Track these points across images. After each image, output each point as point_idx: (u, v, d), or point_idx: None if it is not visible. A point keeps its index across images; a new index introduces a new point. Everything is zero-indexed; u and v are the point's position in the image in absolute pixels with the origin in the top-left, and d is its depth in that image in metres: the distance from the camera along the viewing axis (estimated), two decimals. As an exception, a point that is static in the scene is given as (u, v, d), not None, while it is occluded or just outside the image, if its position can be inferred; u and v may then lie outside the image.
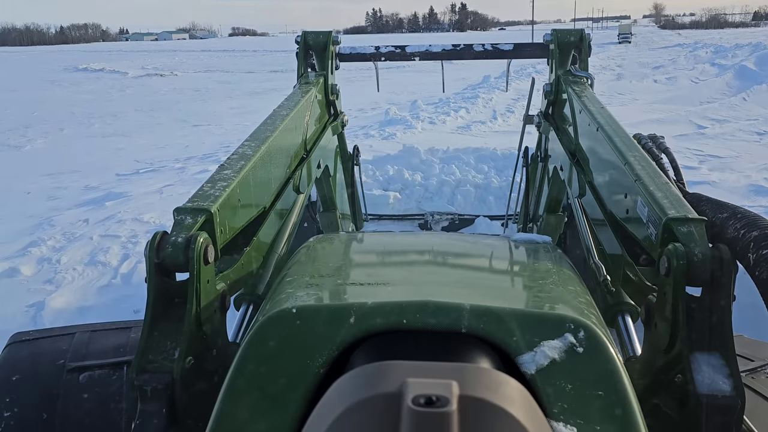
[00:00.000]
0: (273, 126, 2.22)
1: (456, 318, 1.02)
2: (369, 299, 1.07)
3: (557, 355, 0.99)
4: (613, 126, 2.15)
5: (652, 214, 1.49)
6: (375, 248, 1.71)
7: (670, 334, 1.30)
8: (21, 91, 24.72)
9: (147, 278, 1.34)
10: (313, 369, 1.01)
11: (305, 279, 1.30)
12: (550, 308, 1.11)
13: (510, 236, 1.76)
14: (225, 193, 1.60)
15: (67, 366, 1.74)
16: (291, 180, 2.28)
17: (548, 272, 1.37)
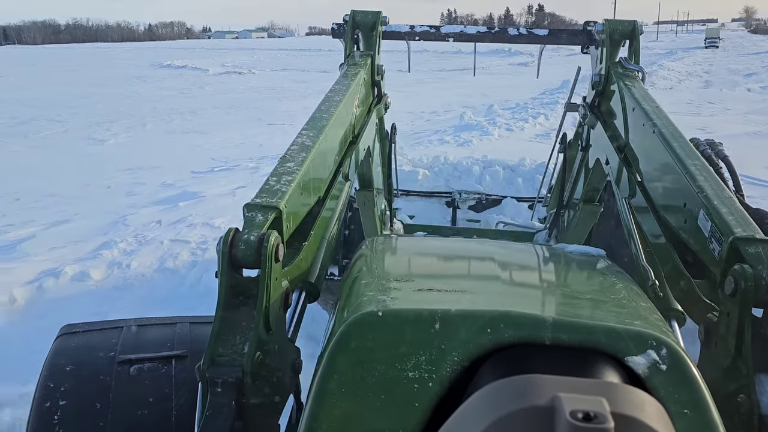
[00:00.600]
0: (328, 114, 2.23)
1: (543, 332, 1.03)
2: (451, 307, 1.11)
3: (641, 372, 0.99)
4: (670, 129, 2.07)
5: (716, 230, 1.49)
6: (439, 254, 1.73)
7: (734, 354, 1.30)
8: (109, 87, 25.91)
9: (219, 273, 1.38)
10: (404, 374, 1.04)
11: (382, 282, 1.33)
12: (630, 324, 1.10)
13: (563, 247, 1.78)
14: (290, 188, 1.63)
15: (118, 358, 1.79)
16: (341, 168, 2.32)
17: (618, 287, 1.40)
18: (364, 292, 1.27)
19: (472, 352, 1.06)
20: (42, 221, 7.15)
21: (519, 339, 1.04)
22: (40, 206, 8.10)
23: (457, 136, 12.08)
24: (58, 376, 1.75)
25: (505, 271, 1.54)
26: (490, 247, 1.83)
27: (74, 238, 6.32)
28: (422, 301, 1.25)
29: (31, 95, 22.17)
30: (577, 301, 1.34)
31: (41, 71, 35.72)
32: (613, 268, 1.58)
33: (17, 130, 14.79)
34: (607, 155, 2.72)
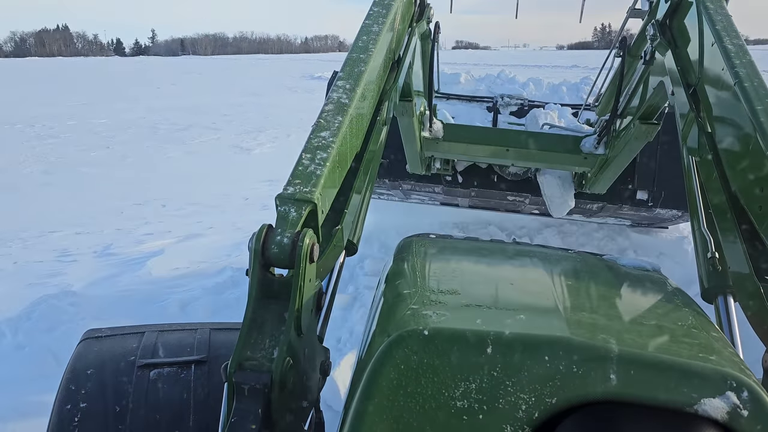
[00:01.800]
0: (366, 53, 2.03)
1: (604, 368, 0.96)
2: (504, 329, 1.04)
3: (720, 417, 0.91)
4: (755, 83, 1.81)
5: None
6: (483, 261, 1.62)
7: None
8: (263, 96, 27.26)
9: (250, 272, 1.32)
10: (452, 403, 0.97)
11: (426, 294, 1.27)
12: (705, 360, 1.00)
13: (615, 259, 1.68)
14: (326, 167, 1.53)
15: (138, 362, 1.81)
16: (379, 114, 2.15)
17: (682, 313, 1.29)
18: (407, 305, 1.20)
19: (527, 384, 0.97)
20: (178, 232, 7.20)
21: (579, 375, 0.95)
22: (182, 215, 8.23)
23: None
24: (79, 379, 1.77)
25: (558, 285, 1.45)
26: (538, 255, 1.70)
27: (199, 257, 6.20)
28: (471, 319, 1.15)
29: (193, 102, 23.83)
30: (643, 329, 1.22)
31: (206, 80, 38.68)
32: (673, 288, 1.49)
33: (175, 136, 15.72)
34: (674, 88, 2.36)
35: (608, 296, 1.45)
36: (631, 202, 4.67)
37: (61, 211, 8.46)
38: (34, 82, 36.60)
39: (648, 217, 5.10)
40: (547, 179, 4.43)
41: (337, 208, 1.72)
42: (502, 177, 4.83)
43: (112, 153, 13.37)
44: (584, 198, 4.59)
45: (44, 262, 6.24)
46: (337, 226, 1.68)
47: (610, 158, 3.67)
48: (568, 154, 3.91)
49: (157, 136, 15.77)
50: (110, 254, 6.41)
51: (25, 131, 16.52)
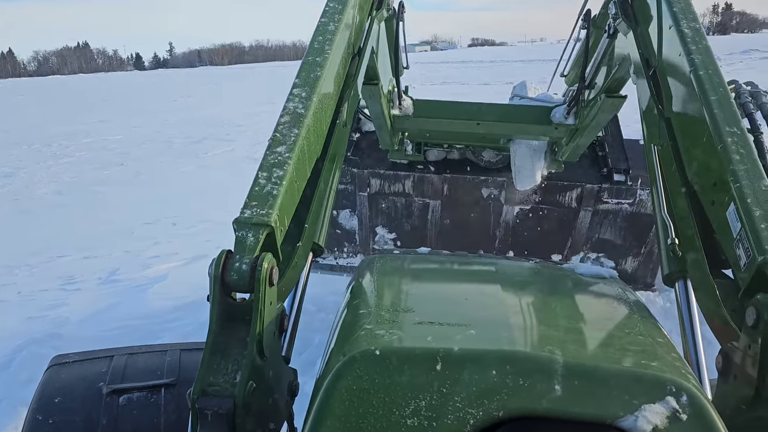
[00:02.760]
0: (322, 55, 1.94)
1: (547, 379, 0.96)
2: (453, 346, 1.04)
3: (659, 422, 0.93)
4: (710, 71, 1.74)
5: (745, 238, 1.38)
6: (442, 277, 1.63)
7: (756, 389, 1.20)
8: (279, 104, 26.95)
9: (210, 297, 1.33)
10: (403, 422, 0.97)
11: (381, 313, 1.29)
12: (647, 366, 1.04)
13: (574, 267, 1.69)
14: (283, 187, 1.51)
15: (107, 388, 1.76)
16: (339, 115, 2.09)
17: (632, 320, 1.32)
18: (362, 325, 1.22)
19: (476, 399, 0.98)
20: (185, 254, 6.97)
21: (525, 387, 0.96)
22: (192, 233, 8.03)
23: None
24: (46, 408, 1.73)
25: (513, 298, 1.45)
26: (497, 268, 1.71)
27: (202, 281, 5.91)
28: (423, 336, 1.17)
29: (209, 114, 23.78)
30: (590, 338, 1.25)
31: (222, 90, 38.78)
32: (626, 295, 1.51)
33: (189, 149, 15.61)
34: (634, 69, 2.34)
35: (560, 306, 1.47)
36: (610, 183, 4.61)
37: (71, 233, 8.33)
38: (53, 101, 37.07)
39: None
40: (520, 149, 4.35)
41: (300, 217, 1.72)
42: (476, 165, 4.70)
43: (125, 170, 13.28)
44: (555, 178, 4.55)
45: (48, 291, 6.06)
46: (298, 242, 1.68)
47: (581, 128, 3.65)
48: (539, 125, 3.91)
49: (172, 150, 15.68)
50: (114, 281, 6.21)
51: (42, 151, 16.57)
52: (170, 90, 40.69)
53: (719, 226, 1.56)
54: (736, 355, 1.32)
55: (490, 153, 4.66)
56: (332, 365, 1.08)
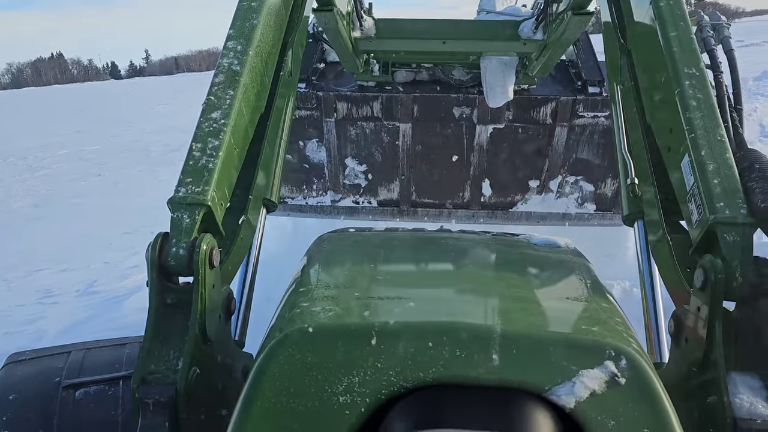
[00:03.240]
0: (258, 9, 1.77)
1: (486, 350, 0.95)
2: (391, 318, 1.02)
3: (598, 387, 0.93)
4: (671, 1, 1.65)
5: (697, 194, 1.34)
6: (393, 252, 1.57)
7: (704, 352, 1.21)
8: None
9: (149, 283, 1.28)
10: (335, 399, 0.95)
11: (321, 290, 1.24)
12: (587, 332, 1.04)
13: (528, 238, 1.65)
14: (219, 158, 1.42)
15: (63, 383, 1.75)
16: (283, 66, 1.96)
17: (578, 287, 1.29)
18: (299, 303, 1.16)
19: (411, 372, 0.95)
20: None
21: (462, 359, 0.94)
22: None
23: None
24: (1, 405, 1.70)
25: (461, 270, 1.44)
26: (450, 242, 1.64)
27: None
28: (360, 312, 1.11)
29: (186, 121, 23.56)
30: (532, 307, 1.22)
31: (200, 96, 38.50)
32: (578, 263, 1.47)
33: (167, 158, 15.50)
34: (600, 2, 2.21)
35: (507, 277, 1.42)
36: (584, 95, 4.47)
37: (48, 246, 8.25)
38: (28, 113, 36.58)
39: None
40: (490, 65, 4.18)
41: (244, 188, 1.62)
42: (447, 83, 4.53)
43: (103, 180, 13.17)
44: (529, 93, 4.43)
45: (25, 306, 6.01)
46: (242, 216, 1.59)
47: (549, 43, 3.50)
48: (507, 42, 3.80)
49: (149, 159, 15.57)
50: (92, 292, 6.17)
51: (17, 164, 16.36)
52: (147, 98, 40.33)
53: (675, 176, 1.51)
54: (687, 318, 1.30)
55: (460, 71, 4.50)
56: (266, 345, 1.04)
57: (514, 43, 3.77)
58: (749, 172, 1.35)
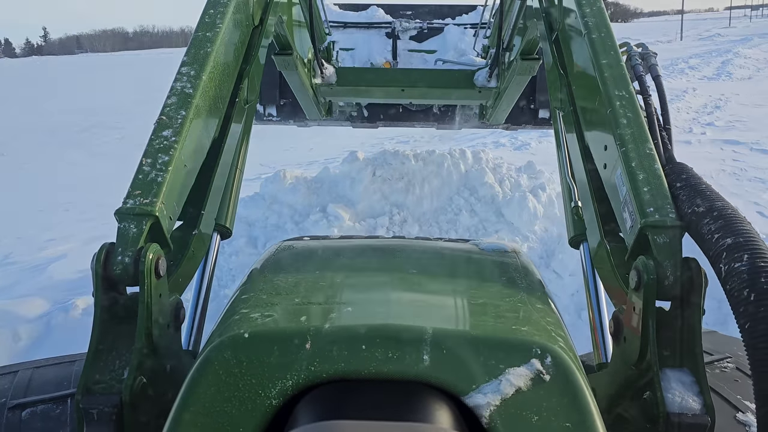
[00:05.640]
0: (213, 31, 1.84)
1: (415, 350, 0.97)
2: (325, 323, 1.03)
3: (522, 384, 0.95)
4: (602, 34, 1.82)
5: (630, 201, 1.43)
6: (340, 259, 1.58)
7: (640, 349, 1.26)
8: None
9: (94, 293, 1.28)
10: (268, 403, 0.95)
11: (262, 297, 1.23)
12: (514, 332, 1.05)
13: (478, 243, 1.67)
14: (168, 173, 1.44)
15: (9, 404, 1.72)
16: (239, 93, 2.00)
17: (517, 290, 1.32)
18: (238, 310, 1.15)
19: (345, 373, 0.96)
20: (83, 236, 7.01)
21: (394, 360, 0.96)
22: (87, 218, 7.99)
23: (513, 139, 11.36)
24: None
25: (404, 277, 1.43)
26: (400, 249, 1.65)
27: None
28: (297, 317, 1.12)
29: (93, 103, 22.74)
30: (468, 309, 1.23)
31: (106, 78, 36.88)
32: (521, 267, 1.48)
33: (77, 138, 15.06)
34: (540, 32, 2.37)
35: (449, 281, 1.45)
36: (534, 122, 4.87)
37: (-47, 225, 8.01)
38: None
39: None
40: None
41: (197, 205, 1.67)
42: (407, 108, 4.95)
43: (7, 161, 12.67)
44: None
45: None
46: (194, 230, 1.63)
47: (502, 90, 3.69)
48: (463, 90, 3.97)
49: (57, 140, 15.03)
50: (9, 263, 6.19)
51: None
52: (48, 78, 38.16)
53: (611, 190, 1.60)
54: (625, 318, 1.36)
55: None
56: (203, 351, 1.03)
57: (470, 91, 3.94)
58: (677, 182, 1.45)
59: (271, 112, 4.86)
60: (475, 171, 6.22)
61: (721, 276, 1.19)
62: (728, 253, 1.20)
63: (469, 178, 6.16)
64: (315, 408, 0.93)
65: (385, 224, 5.81)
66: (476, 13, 5.44)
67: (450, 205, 5.96)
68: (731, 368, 1.91)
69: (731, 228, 1.24)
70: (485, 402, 0.93)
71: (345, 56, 4.92)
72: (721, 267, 1.20)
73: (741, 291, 1.12)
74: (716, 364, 1.91)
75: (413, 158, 6.33)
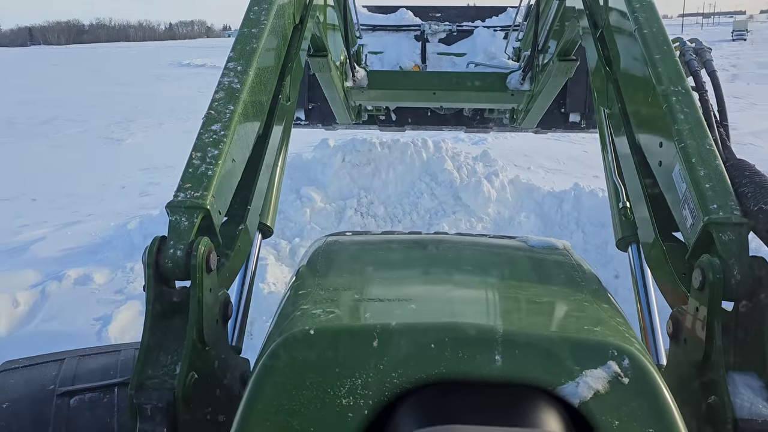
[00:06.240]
0: (258, 28, 1.86)
1: (489, 351, 0.94)
2: (393, 320, 1.00)
3: (601, 387, 0.92)
4: (654, 29, 1.76)
5: (691, 198, 1.37)
6: (391, 254, 1.57)
7: (704, 352, 1.21)
8: (129, 86, 26.07)
9: (146, 287, 1.27)
10: (337, 401, 0.94)
11: (321, 293, 1.22)
12: (588, 332, 1.02)
13: (525, 240, 1.64)
14: (218, 166, 1.44)
15: (58, 390, 1.75)
16: (282, 89, 2.01)
17: (578, 288, 1.28)
18: (300, 306, 1.14)
19: (414, 373, 0.94)
20: (55, 221, 7.17)
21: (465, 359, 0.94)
22: (56, 206, 8.11)
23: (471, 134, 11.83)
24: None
25: (460, 273, 1.42)
26: (448, 244, 1.64)
27: (86, 239, 6.34)
28: (361, 314, 1.13)
29: (50, 95, 22.39)
30: (533, 308, 1.21)
31: (61, 71, 36.12)
32: (576, 264, 1.46)
33: (36, 130, 14.92)
34: (583, 30, 2.35)
35: (506, 278, 1.44)
36: (564, 126, 4.91)
37: None
38: None
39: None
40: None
41: (243, 200, 1.67)
42: (435, 111, 4.96)
43: (-34, 151, 12.52)
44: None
45: None
46: (241, 225, 1.63)
47: (536, 93, 3.64)
48: (496, 92, 3.93)
49: (16, 131, 14.87)
50: (-15, 247, 6.31)
51: None
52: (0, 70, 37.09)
53: (667, 188, 1.54)
54: (686, 319, 1.30)
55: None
56: (268, 347, 1.03)
57: (502, 93, 3.88)
58: (740, 179, 1.39)
59: (299, 116, 4.87)
60: (435, 159, 6.71)
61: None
62: None
63: (430, 164, 6.64)
64: (418, 412, 0.91)
65: (353, 206, 6.26)
66: (506, 16, 5.38)
67: (413, 188, 6.44)
68: None
69: None
70: (573, 401, 0.91)
71: (374, 59, 4.88)
72: None
73: None
74: None
75: (379, 146, 6.74)
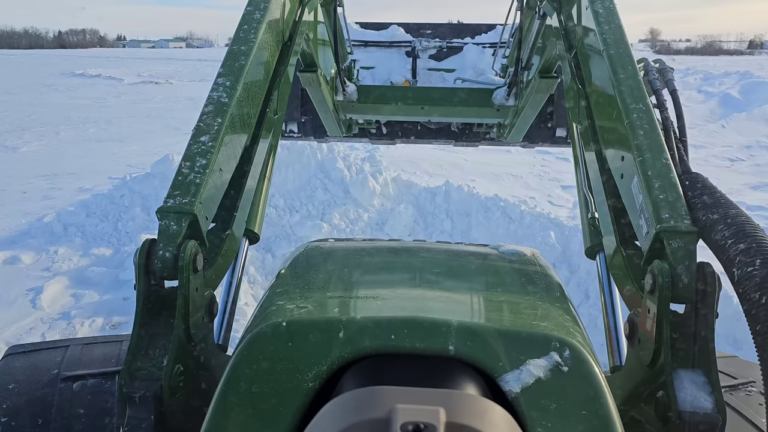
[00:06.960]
0: (247, 45, 1.96)
1: (443, 338, 1.03)
2: (358, 314, 1.10)
3: (542, 374, 1.00)
4: (620, 50, 1.89)
5: (646, 209, 1.47)
6: (367, 258, 1.67)
7: (654, 350, 1.30)
8: (18, 94, 24.96)
9: (136, 285, 1.37)
10: (305, 385, 1.02)
11: (296, 291, 1.31)
12: (535, 327, 1.11)
13: (498, 247, 1.75)
14: (206, 175, 1.54)
15: (62, 375, 1.84)
16: (269, 104, 2.12)
17: (534, 288, 1.40)
18: (275, 302, 1.24)
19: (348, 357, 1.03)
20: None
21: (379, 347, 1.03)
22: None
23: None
24: (1, 394, 1.79)
25: (428, 275, 1.51)
26: (422, 250, 1.73)
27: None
28: (330, 309, 1.23)
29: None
30: (490, 305, 1.31)
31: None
32: (539, 268, 1.56)
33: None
34: (559, 49, 2.46)
35: (472, 280, 1.53)
36: (551, 140, 4.97)
37: None
38: None
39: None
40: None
41: (230, 207, 1.76)
42: (425, 126, 5.06)
43: None
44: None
45: None
46: (227, 230, 1.71)
47: (520, 108, 3.75)
48: (482, 108, 4.04)
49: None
50: None
51: None
52: None
53: (627, 199, 1.63)
54: (640, 321, 1.39)
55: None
56: (245, 338, 1.10)
57: (488, 109, 4.00)
58: (693, 191, 1.48)
59: (292, 128, 4.96)
60: (329, 159, 7.57)
61: (734, 280, 1.23)
62: (741, 259, 1.22)
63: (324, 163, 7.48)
64: (358, 379, 1.00)
65: (257, 199, 6.81)
66: (495, 33, 5.47)
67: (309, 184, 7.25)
68: (755, 392, 1.97)
69: (744, 234, 1.27)
70: (507, 390, 0.98)
71: (365, 75, 4.99)
72: (734, 271, 1.23)
73: (753, 294, 1.16)
74: (741, 387, 1.97)
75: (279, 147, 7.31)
